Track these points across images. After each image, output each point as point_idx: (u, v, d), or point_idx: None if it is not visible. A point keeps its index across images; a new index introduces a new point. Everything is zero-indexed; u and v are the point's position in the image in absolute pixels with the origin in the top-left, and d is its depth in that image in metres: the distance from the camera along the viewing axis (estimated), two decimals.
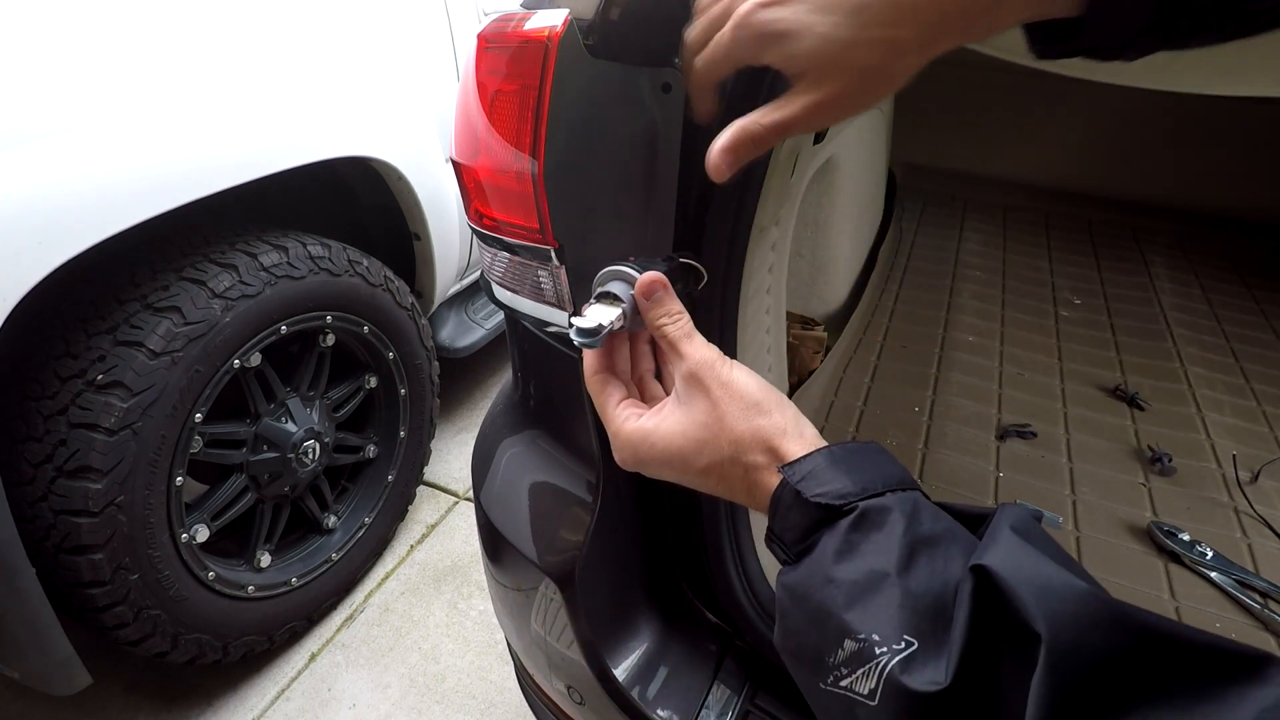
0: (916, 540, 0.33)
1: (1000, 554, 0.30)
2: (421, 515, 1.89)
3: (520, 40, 0.52)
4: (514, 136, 0.53)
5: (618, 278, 0.46)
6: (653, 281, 0.45)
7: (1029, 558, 0.30)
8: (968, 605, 0.30)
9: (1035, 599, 0.28)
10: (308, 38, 1.40)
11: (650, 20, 0.57)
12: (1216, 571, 1.02)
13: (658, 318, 0.44)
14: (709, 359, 0.42)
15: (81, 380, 1.10)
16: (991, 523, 0.34)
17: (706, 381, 0.41)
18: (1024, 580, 0.29)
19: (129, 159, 1.10)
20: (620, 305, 0.45)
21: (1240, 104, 1.99)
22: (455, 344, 1.96)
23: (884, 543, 0.33)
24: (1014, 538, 0.32)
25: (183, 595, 1.25)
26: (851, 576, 0.33)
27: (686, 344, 0.43)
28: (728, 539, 0.73)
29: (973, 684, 0.28)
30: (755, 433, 0.39)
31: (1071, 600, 0.28)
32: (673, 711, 0.74)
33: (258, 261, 1.28)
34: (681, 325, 0.44)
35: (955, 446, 1.30)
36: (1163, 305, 1.83)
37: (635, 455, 0.43)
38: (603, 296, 0.46)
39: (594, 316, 0.44)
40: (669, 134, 0.58)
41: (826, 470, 0.37)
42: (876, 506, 0.35)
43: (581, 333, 0.43)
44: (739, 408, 0.40)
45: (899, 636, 0.30)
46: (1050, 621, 0.27)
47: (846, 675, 0.32)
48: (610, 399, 0.46)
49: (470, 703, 1.44)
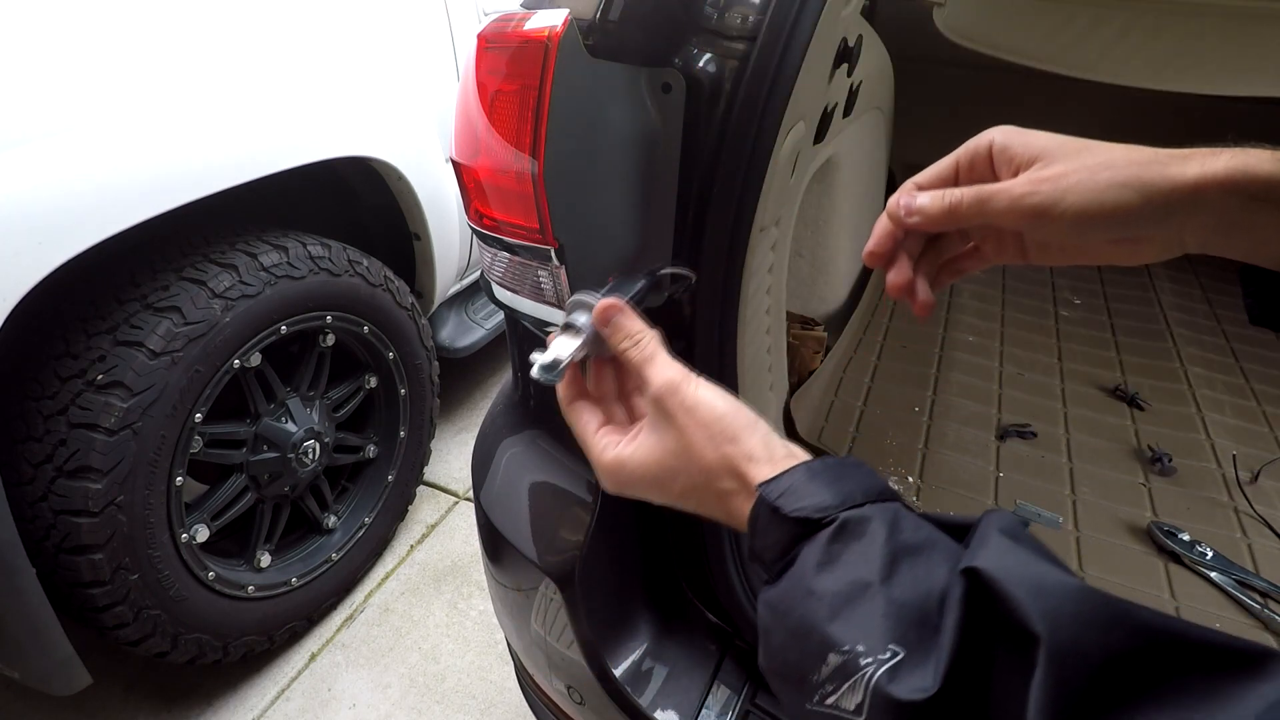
0: (899, 549, 0.33)
1: (991, 556, 0.30)
2: (421, 515, 1.89)
3: (520, 40, 0.52)
4: (514, 136, 0.53)
5: (580, 307, 0.47)
6: (606, 309, 0.45)
7: (1020, 558, 0.30)
8: (958, 609, 0.29)
9: (1031, 598, 0.27)
10: (308, 38, 1.40)
11: (650, 20, 0.57)
12: (1216, 571, 1.02)
13: (619, 343, 0.44)
14: (672, 381, 0.42)
15: (81, 380, 1.10)
16: (978, 529, 0.33)
17: (671, 407, 0.41)
18: (1017, 580, 0.28)
19: (129, 159, 1.10)
20: (581, 334, 0.45)
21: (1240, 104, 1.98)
22: (455, 344, 1.96)
23: (865, 552, 0.33)
24: (1004, 540, 0.31)
25: (183, 595, 1.25)
26: (833, 588, 0.32)
27: (649, 368, 0.43)
28: (728, 539, 0.73)
29: (962, 689, 0.28)
30: (722, 460, 0.39)
31: (1068, 598, 0.27)
32: (673, 711, 0.74)
33: (258, 261, 1.28)
34: (643, 348, 0.44)
35: (955, 446, 1.30)
36: (1163, 305, 1.83)
37: (616, 482, 0.44)
38: (566, 328, 0.46)
39: (554, 350, 0.45)
40: (669, 134, 0.58)
41: (804, 485, 0.36)
42: (856, 517, 0.34)
43: (542, 369, 0.44)
44: (705, 435, 0.40)
45: (884, 646, 0.30)
46: (1047, 620, 0.26)
47: (832, 692, 0.31)
48: (587, 427, 0.46)
49: (470, 703, 1.44)
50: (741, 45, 0.57)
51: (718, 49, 0.57)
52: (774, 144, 0.61)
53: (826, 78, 0.82)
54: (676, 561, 0.80)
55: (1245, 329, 1.73)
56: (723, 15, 0.57)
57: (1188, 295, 1.89)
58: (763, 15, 0.56)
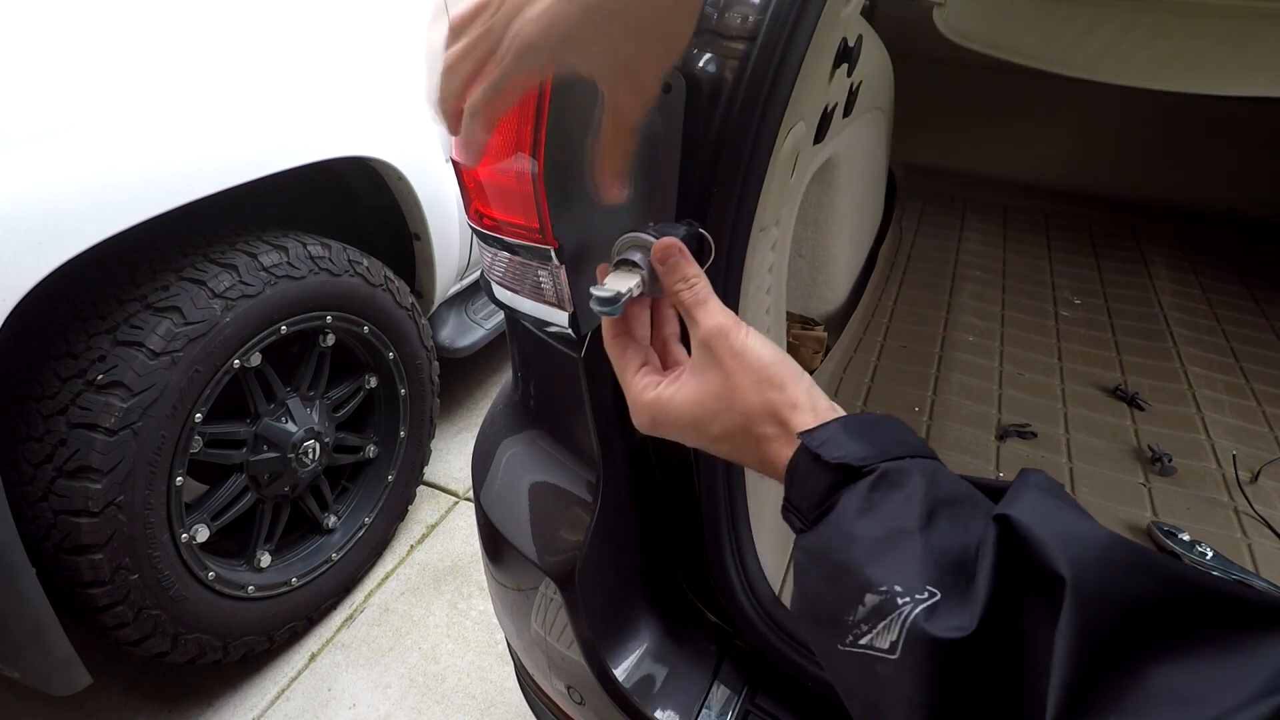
0: (938, 500, 0.33)
1: (1023, 505, 0.30)
2: (421, 515, 1.89)
3: None
4: (514, 136, 0.53)
5: (635, 245, 0.46)
6: (668, 246, 0.44)
7: (1051, 507, 0.30)
8: (992, 553, 0.29)
9: (1059, 544, 0.28)
10: (307, 38, 1.40)
11: None
12: (1216, 571, 1.02)
13: (674, 283, 0.44)
14: (724, 326, 0.42)
15: (81, 380, 1.10)
16: (1014, 485, 0.34)
17: (719, 351, 0.41)
18: (1047, 527, 0.28)
19: (129, 159, 1.10)
20: (639, 272, 0.45)
21: (1240, 104, 1.99)
22: (455, 344, 1.96)
23: (905, 502, 0.33)
24: (1037, 492, 0.31)
25: (183, 595, 1.25)
26: (872, 533, 0.33)
27: (701, 310, 0.43)
28: (728, 539, 0.73)
29: (996, 631, 0.28)
30: (766, 405, 0.39)
31: (1096, 545, 0.28)
32: (673, 711, 0.74)
33: (258, 261, 1.28)
34: (697, 291, 0.44)
35: (955, 446, 1.30)
36: (1163, 305, 1.83)
37: (652, 420, 0.44)
38: (621, 264, 0.46)
39: (612, 284, 0.44)
40: (669, 134, 0.58)
41: (844, 437, 0.37)
42: (897, 468, 0.35)
43: (600, 301, 0.43)
44: (751, 380, 0.40)
45: (922, 586, 0.30)
46: (1074, 566, 0.27)
47: (866, 632, 0.31)
48: (629, 365, 0.46)
49: (470, 703, 1.44)
50: (741, 45, 0.57)
51: (718, 49, 0.57)
52: (774, 144, 0.61)
53: (826, 78, 0.82)
54: (676, 561, 0.80)
55: (1245, 329, 1.74)
56: (723, 15, 0.57)
57: (1188, 295, 1.89)
58: (763, 15, 0.56)
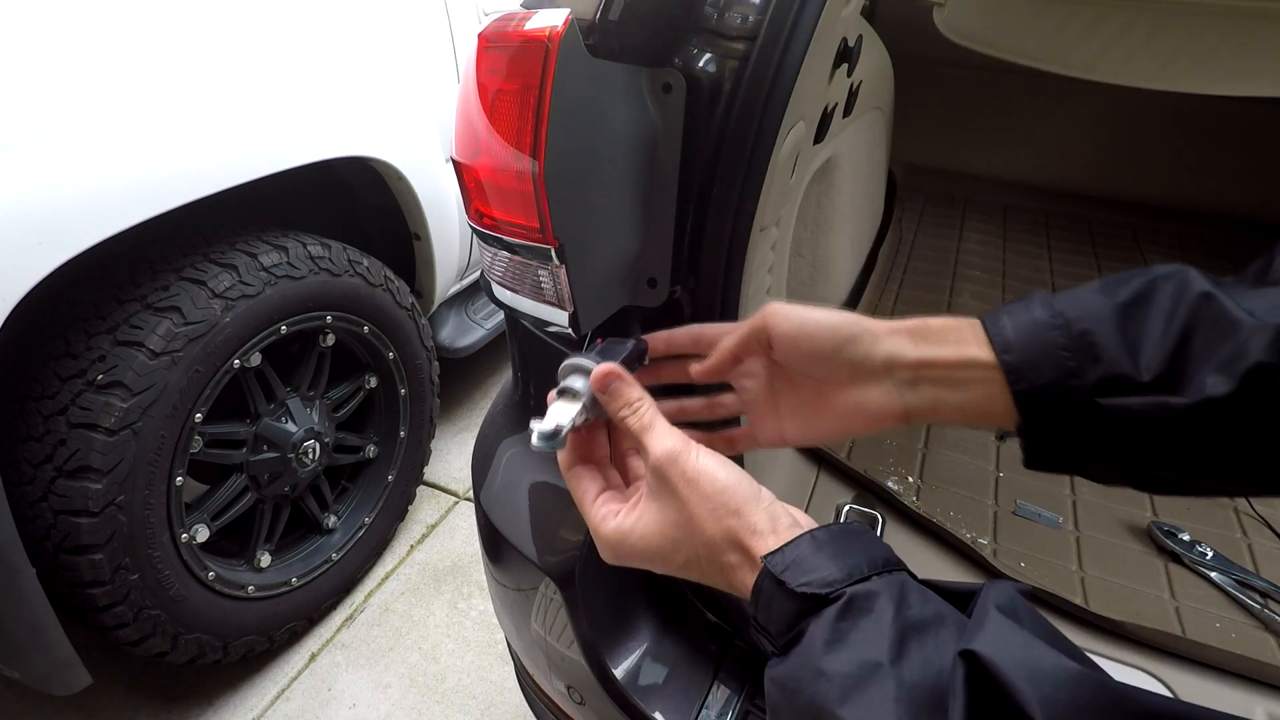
0: (907, 626, 0.32)
1: (989, 638, 0.30)
2: (421, 515, 1.89)
3: (521, 40, 0.52)
4: (514, 136, 0.53)
5: (576, 371, 0.46)
6: (606, 375, 0.44)
7: (1017, 639, 0.30)
8: (962, 696, 0.29)
9: (1029, 685, 0.27)
10: (307, 38, 1.40)
11: (650, 20, 0.57)
12: (1216, 571, 1.02)
13: (617, 410, 0.44)
14: (672, 451, 0.41)
15: (81, 380, 1.10)
16: (978, 602, 0.33)
17: (672, 478, 0.40)
18: (1014, 664, 0.28)
19: (128, 159, 1.10)
20: (581, 398, 0.45)
21: (1240, 104, 1.99)
22: (455, 344, 1.96)
23: (873, 630, 0.32)
24: (1001, 618, 0.31)
25: (183, 595, 1.25)
26: (843, 669, 0.32)
27: (648, 436, 0.42)
28: None
29: None
30: (726, 534, 0.39)
31: (1066, 684, 0.27)
32: (673, 711, 0.74)
33: (258, 261, 1.28)
34: (642, 416, 0.43)
35: (955, 446, 1.30)
36: None
37: (616, 554, 0.43)
38: (563, 393, 0.46)
39: (553, 417, 0.44)
40: (669, 134, 0.58)
41: (811, 557, 0.36)
42: (863, 592, 0.34)
43: (542, 437, 0.43)
44: (707, 508, 0.39)
45: None
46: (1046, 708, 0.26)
47: None
48: (586, 495, 0.45)
49: (470, 703, 1.44)
50: (741, 45, 0.57)
51: (718, 49, 0.57)
52: (774, 144, 0.61)
53: (826, 78, 0.82)
54: None
55: None
56: (723, 15, 0.57)
57: None
58: (763, 15, 0.56)
